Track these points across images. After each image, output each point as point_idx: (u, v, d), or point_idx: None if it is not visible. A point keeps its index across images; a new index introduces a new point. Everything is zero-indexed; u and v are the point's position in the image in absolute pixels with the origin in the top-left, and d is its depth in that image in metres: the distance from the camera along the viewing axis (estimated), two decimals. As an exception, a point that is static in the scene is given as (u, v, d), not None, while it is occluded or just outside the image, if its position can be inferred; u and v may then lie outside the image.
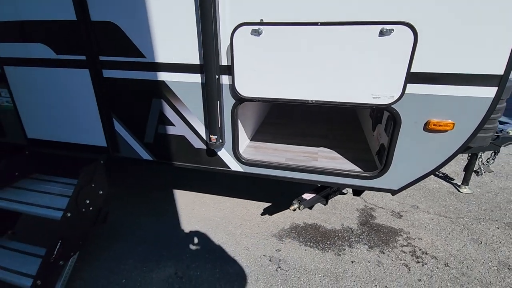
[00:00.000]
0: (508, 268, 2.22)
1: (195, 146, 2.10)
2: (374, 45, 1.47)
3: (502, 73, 1.42)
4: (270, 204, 3.05)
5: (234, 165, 2.09)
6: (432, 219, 2.82)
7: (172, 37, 1.78)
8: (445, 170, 3.75)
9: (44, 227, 2.56)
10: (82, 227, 2.11)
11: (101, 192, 2.26)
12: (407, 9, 1.41)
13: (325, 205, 2.36)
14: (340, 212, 2.92)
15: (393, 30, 1.43)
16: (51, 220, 2.02)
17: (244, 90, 1.76)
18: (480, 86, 1.48)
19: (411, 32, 1.41)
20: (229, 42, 1.66)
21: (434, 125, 1.60)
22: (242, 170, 2.08)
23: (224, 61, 1.76)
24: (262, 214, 2.89)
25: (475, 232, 2.64)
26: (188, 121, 2.01)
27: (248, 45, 1.63)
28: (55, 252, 1.89)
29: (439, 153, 1.69)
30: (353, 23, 1.47)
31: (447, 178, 3.58)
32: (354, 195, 2.58)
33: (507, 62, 1.40)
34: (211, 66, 1.72)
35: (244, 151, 2.29)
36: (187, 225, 2.75)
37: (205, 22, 1.62)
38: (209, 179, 3.54)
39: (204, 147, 2.08)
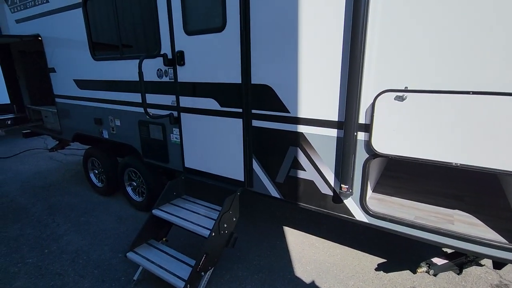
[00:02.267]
0: None
1: (322, 192, 2.30)
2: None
3: None
4: (385, 260, 2.91)
5: (360, 215, 2.17)
6: None
7: (315, 98, 2.12)
8: None
9: (187, 240, 3.14)
10: (219, 246, 2.53)
11: (234, 219, 2.68)
12: None
13: (459, 274, 2.14)
14: (471, 286, 2.54)
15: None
16: (199, 236, 2.50)
17: (380, 147, 1.89)
18: None
19: None
20: (371, 103, 1.87)
21: None
22: (367, 221, 2.15)
23: (362, 119, 1.97)
24: (377, 269, 2.79)
25: None
26: (319, 169, 2.25)
27: (390, 108, 1.79)
28: (200, 263, 2.32)
29: None
30: (507, 93, 1.46)
31: None
32: (494, 267, 2.24)
33: None
34: (351, 123, 1.94)
35: (368, 201, 2.35)
36: (298, 264, 2.89)
37: (351, 87, 1.88)
38: (319, 222, 3.65)
39: (331, 193, 2.26)
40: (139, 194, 4.00)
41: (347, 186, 2.07)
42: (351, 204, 2.19)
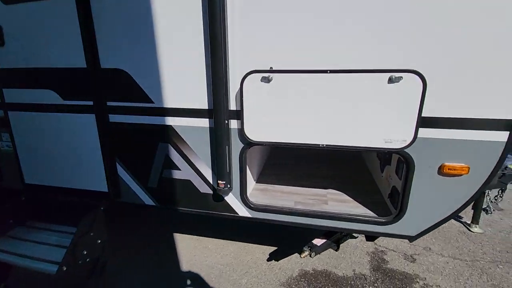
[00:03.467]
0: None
1: (201, 191, 2.03)
2: (384, 91, 1.49)
3: (512, 117, 1.43)
4: (275, 248, 2.90)
5: (242, 211, 2.00)
6: (447, 263, 2.68)
7: (181, 83, 1.80)
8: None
9: (38, 279, 2.37)
10: (79, 279, 1.95)
11: (99, 241, 2.13)
12: (415, 58, 1.45)
13: (336, 250, 2.24)
14: (350, 257, 2.78)
15: (401, 77, 1.45)
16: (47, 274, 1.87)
17: (254, 134, 1.74)
18: (493, 130, 1.48)
19: (420, 79, 1.44)
20: (239, 88, 1.68)
21: (449, 169, 1.57)
22: (250, 215, 2.00)
23: (233, 106, 1.77)
24: (268, 259, 2.74)
25: (495, 277, 2.50)
26: (194, 166, 1.96)
27: (258, 91, 1.64)
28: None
29: (456, 197, 1.64)
30: (362, 71, 1.50)
31: (455, 216, 3.49)
32: (367, 240, 2.47)
33: (517, 107, 1.42)
34: (221, 111, 1.71)
35: (251, 194, 2.22)
36: (188, 275, 2.57)
37: (216, 69, 1.65)
38: (209, 222, 3.40)
39: (211, 192, 2.01)
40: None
41: (224, 182, 1.85)
42: (233, 200, 2.00)
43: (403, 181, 1.69)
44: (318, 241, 2.14)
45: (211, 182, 1.98)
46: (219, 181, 1.86)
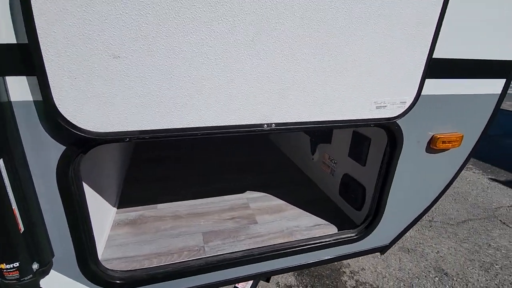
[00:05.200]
0: None
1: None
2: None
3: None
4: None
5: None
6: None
7: None
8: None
9: None
10: None
11: None
12: None
13: (268, 281, 1.48)
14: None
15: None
16: None
17: (86, 117, 0.63)
18: (490, 78, 0.99)
19: None
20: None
21: (442, 142, 1.02)
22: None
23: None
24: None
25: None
26: None
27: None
28: None
29: (442, 177, 1.14)
30: None
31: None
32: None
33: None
34: None
35: (109, 246, 1.09)
36: None
37: None
38: None
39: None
40: None
41: (14, 264, 0.66)
42: (62, 282, 0.83)
43: (383, 167, 1.04)
44: (243, 285, 1.30)
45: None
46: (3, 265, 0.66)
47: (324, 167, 1.51)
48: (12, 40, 0.57)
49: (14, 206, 0.63)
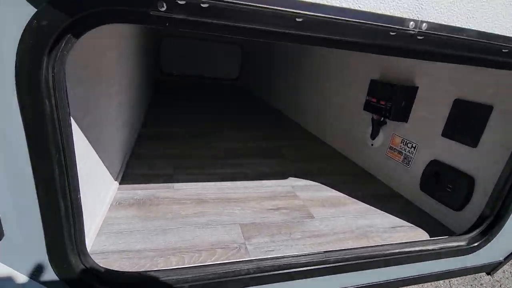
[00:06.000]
0: None
1: None
2: None
3: None
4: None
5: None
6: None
7: None
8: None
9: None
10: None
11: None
12: None
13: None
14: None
15: None
16: None
17: None
18: None
19: None
20: None
21: None
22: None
23: None
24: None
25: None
26: None
27: None
28: None
29: None
30: None
31: None
32: None
33: None
34: None
35: (101, 230, 0.74)
36: None
37: None
38: None
39: None
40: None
41: None
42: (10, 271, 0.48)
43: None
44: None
45: None
46: None
47: (393, 154, 1.15)
48: None
49: None
